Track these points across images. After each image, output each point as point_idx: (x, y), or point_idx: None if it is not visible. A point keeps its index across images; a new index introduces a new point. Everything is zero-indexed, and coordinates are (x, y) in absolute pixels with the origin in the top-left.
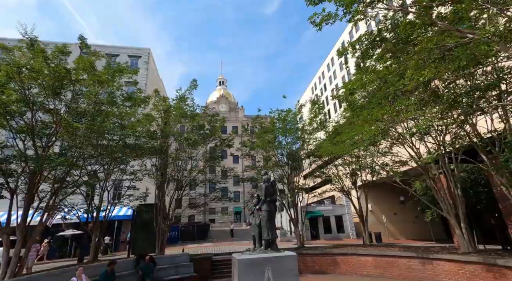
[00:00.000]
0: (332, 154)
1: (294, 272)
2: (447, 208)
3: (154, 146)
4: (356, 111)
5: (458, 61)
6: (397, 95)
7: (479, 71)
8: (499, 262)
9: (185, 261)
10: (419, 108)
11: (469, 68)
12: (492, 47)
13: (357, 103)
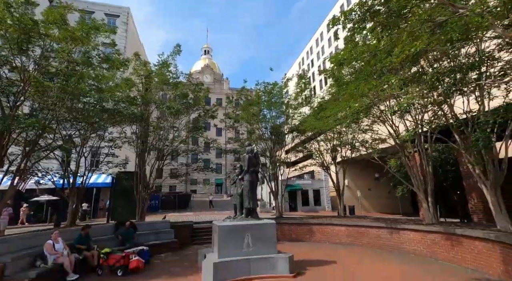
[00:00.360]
0: (316, 129)
1: (272, 239)
2: (418, 183)
3: (135, 113)
4: (342, 87)
5: (451, 33)
6: (383, 73)
7: (463, 52)
8: (457, 231)
9: (165, 228)
10: (402, 87)
11: (461, 41)
12: (486, 19)
13: (343, 79)
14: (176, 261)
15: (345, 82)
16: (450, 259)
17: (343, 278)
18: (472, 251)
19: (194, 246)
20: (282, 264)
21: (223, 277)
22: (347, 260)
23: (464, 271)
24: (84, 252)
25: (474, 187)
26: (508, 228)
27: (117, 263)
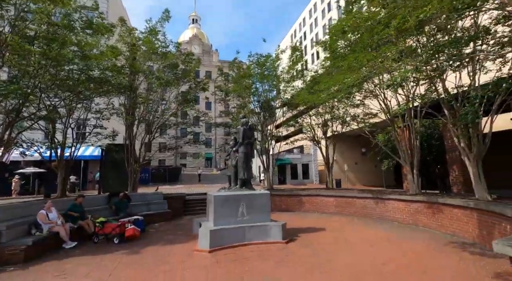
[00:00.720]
0: (309, 103)
1: (266, 208)
2: (405, 156)
3: (123, 82)
4: (338, 59)
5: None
6: (378, 45)
7: (459, 25)
8: (439, 200)
9: (158, 199)
10: (398, 60)
11: (466, 10)
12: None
13: (339, 51)
14: (170, 230)
15: (341, 54)
16: (430, 226)
17: (332, 242)
18: (451, 218)
19: (186, 216)
20: (275, 231)
21: (219, 243)
22: (335, 227)
23: (443, 236)
24: (78, 221)
25: (456, 160)
26: (486, 197)
27: (113, 232)
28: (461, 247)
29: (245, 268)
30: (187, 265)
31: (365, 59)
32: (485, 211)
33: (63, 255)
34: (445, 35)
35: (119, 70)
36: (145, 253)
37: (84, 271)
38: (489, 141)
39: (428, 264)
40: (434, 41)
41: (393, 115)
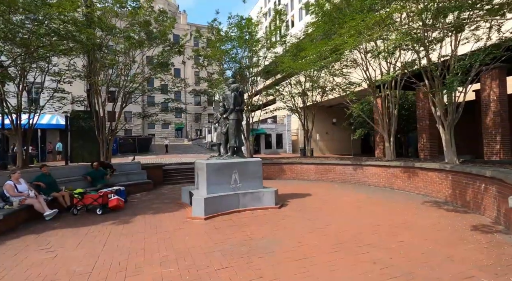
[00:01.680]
0: (291, 70)
1: (258, 175)
2: (383, 124)
3: (90, 39)
4: (333, 21)
5: None
6: (371, 9)
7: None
8: (416, 165)
9: (136, 169)
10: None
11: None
12: None
13: (331, 15)
14: (154, 199)
15: (341, 16)
16: (404, 188)
17: (322, 206)
18: (426, 181)
19: (167, 186)
20: (268, 197)
21: (213, 210)
22: (319, 192)
23: (417, 196)
24: (53, 193)
25: (425, 129)
26: (454, 161)
27: (94, 202)
28: (437, 206)
29: (246, 232)
30: (185, 232)
31: (372, 21)
32: (461, 173)
33: (41, 228)
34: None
35: (86, 23)
36: (135, 222)
37: (72, 242)
38: (462, 110)
39: (416, 221)
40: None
41: (376, 84)
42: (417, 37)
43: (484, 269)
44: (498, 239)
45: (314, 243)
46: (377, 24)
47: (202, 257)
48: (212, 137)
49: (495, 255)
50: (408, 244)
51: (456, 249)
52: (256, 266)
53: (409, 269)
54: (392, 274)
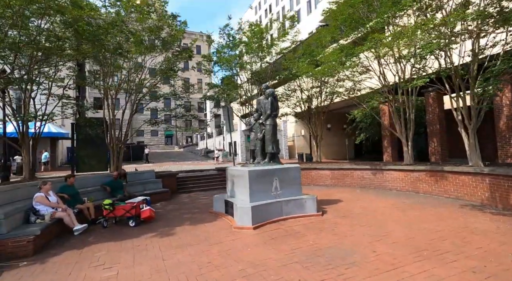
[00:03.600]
0: (314, 76)
1: (297, 181)
2: (401, 129)
3: (120, 43)
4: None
5: None
6: None
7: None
8: (445, 169)
9: (151, 178)
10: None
11: None
12: None
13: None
14: (180, 209)
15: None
16: (431, 192)
17: (363, 212)
18: (457, 184)
19: (182, 194)
20: (310, 204)
21: (260, 219)
22: (347, 197)
23: (449, 200)
24: (77, 205)
25: (436, 133)
26: (479, 164)
27: (127, 214)
28: (478, 209)
29: (307, 241)
30: (241, 242)
31: (429, 24)
32: (502, 176)
33: (77, 243)
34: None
35: (121, 28)
36: (179, 234)
37: (126, 258)
38: (483, 114)
39: (473, 225)
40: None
41: (412, 86)
42: (448, 41)
43: None
44: None
45: (389, 252)
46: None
47: (284, 270)
48: (206, 144)
49: None
50: (489, 250)
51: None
52: (353, 279)
53: (510, 273)
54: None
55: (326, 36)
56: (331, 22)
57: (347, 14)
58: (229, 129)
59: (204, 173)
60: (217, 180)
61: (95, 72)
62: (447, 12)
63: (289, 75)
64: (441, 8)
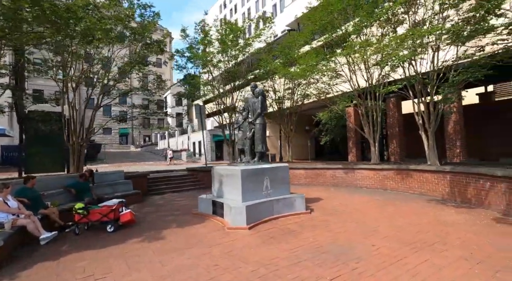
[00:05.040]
0: (290, 77)
1: (286, 180)
2: (369, 131)
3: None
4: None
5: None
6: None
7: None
8: (411, 167)
9: (120, 179)
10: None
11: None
12: None
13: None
14: (158, 212)
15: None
16: (398, 188)
17: (345, 209)
18: (421, 181)
19: (154, 196)
20: (299, 203)
21: (253, 219)
22: (325, 196)
23: (415, 196)
24: (41, 210)
25: (395, 135)
26: (436, 163)
27: (104, 218)
28: (442, 203)
29: (307, 239)
30: (241, 243)
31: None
32: (462, 173)
33: (48, 253)
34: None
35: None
36: (169, 238)
37: (119, 266)
38: (440, 118)
39: (445, 218)
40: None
41: (385, 91)
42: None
43: None
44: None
45: (386, 245)
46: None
47: (297, 268)
48: (168, 144)
49: None
50: (468, 240)
51: (507, 238)
52: (367, 272)
53: (493, 259)
54: (491, 266)
55: (300, 40)
56: (307, 27)
57: (328, 20)
58: (201, 127)
59: (174, 174)
60: (189, 181)
61: (51, 60)
62: (410, 25)
63: (264, 75)
64: (402, 23)
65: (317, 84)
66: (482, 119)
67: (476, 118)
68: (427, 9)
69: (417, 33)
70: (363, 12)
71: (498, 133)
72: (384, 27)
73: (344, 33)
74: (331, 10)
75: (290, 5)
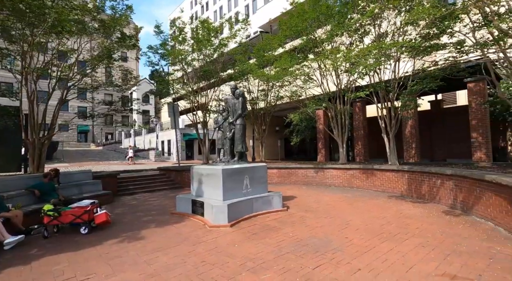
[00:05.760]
0: (265, 79)
1: (264, 179)
2: (338, 133)
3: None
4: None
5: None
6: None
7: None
8: (375, 167)
9: (87, 179)
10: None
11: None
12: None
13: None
14: (133, 212)
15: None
16: (363, 186)
17: (317, 205)
18: (383, 179)
19: (125, 197)
20: (276, 200)
21: (234, 216)
22: (298, 194)
23: (378, 193)
24: (2, 213)
25: (360, 137)
26: (396, 163)
27: (77, 220)
28: (401, 199)
29: (287, 234)
30: (224, 240)
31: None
32: (418, 172)
33: (16, 258)
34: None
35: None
36: (150, 238)
37: (101, 266)
38: (399, 124)
39: (405, 212)
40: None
41: (354, 97)
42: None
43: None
44: (466, 218)
45: (358, 237)
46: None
47: (282, 260)
48: (134, 142)
49: (474, 226)
50: (424, 229)
51: (454, 227)
52: (344, 261)
53: (444, 245)
54: (443, 251)
55: (274, 43)
56: (282, 31)
57: (303, 27)
58: (174, 126)
59: (144, 174)
60: (161, 181)
61: (7, 50)
62: (375, 36)
63: (239, 75)
64: (368, 34)
65: (290, 87)
66: (432, 124)
67: (428, 123)
68: (389, 23)
69: (381, 45)
70: (335, 21)
71: (445, 136)
72: (353, 37)
73: (317, 40)
74: (306, 18)
75: (263, 7)
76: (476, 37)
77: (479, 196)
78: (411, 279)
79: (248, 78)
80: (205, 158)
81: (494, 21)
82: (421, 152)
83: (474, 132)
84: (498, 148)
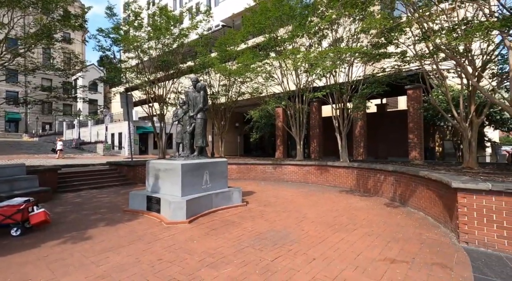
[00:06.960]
0: (230, 74)
1: (225, 174)
2: (296, 131)
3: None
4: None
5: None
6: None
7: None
8: (328, 163)
9: (20, 174)
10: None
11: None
12: None
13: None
14: (78, 211)
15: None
16: (317, 182)
17: (275, 200)
18: (335, 175)
19: (68, 194)
20: (236, 196)
21: (193, 212)
22: (257, 189)
23: (331, 188)
24: None
25: (316, 135)
26: (347, 160)
27: (7, 220)
28: (350, 193)
29: (246, 228)
30: (183, 237)
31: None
32: (365, 169)
33: None
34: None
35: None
36: (100, 237)
37: (40, 271)
38: (351, 124)
39: (354, 204)
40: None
41: (311, 97)
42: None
43: (413, 221)
44: (403, 209)
45: (313, 229)
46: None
47: (241, 254)
48: (78, 134)
49: (409, 216)
50: (370, 220)
51: (394, 217)
52: (301, 252)
53: (386, 233)
54: (385, 239)
55: (237, 38)
56: (246, 27)
57: (266, 24)
58: (128, 118)
59: (92, 168)
60: (111, 177)
61: None
62: (332, 40)
63: (200, 68)
64: (326, 37)
65: (252, 83)
66: (378, 125)
67: (374, 124)
68: (345, 29)
69: (338, 49)
70: (296, 22)
71: (387, 137)
72: (312, 39)
73: (278, 39)
74: (269, 16)
75: (226, 0)
76: (416, 49)
77: (414, 189)
78: (359, 264)
79: (209, 72)
80: (161, 153)
81: (431, 36)
82: (368, 151)
83: (411, 133)
84: (428, 148)
